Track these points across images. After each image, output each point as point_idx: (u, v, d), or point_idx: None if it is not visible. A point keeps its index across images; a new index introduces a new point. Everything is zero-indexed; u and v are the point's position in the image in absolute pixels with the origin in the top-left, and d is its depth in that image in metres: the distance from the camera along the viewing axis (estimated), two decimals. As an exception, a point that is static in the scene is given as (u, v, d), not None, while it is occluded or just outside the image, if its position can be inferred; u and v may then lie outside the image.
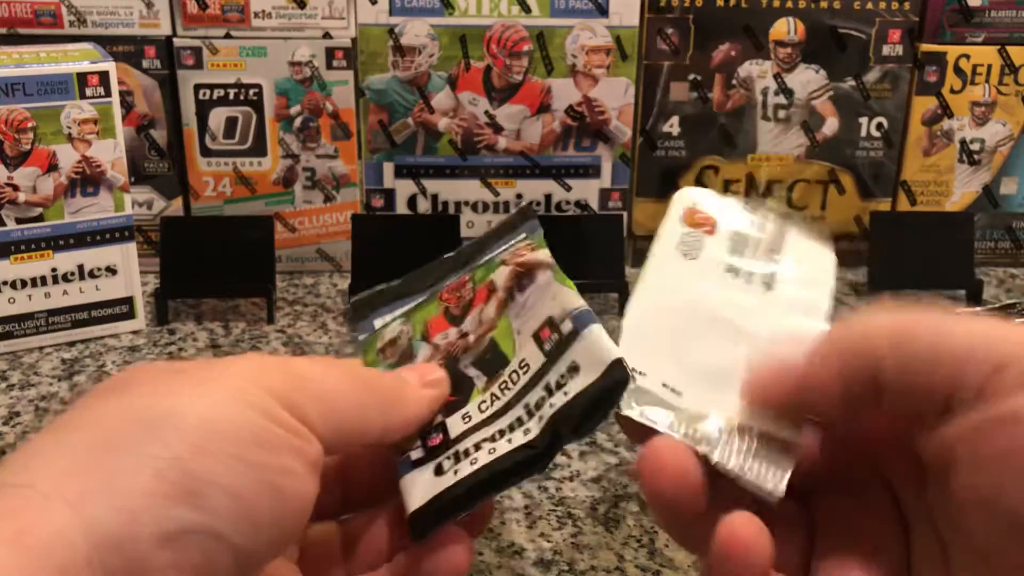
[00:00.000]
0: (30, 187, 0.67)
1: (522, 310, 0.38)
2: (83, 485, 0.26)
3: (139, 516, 0.26)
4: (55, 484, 0.26)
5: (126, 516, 0.26)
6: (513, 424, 0.35)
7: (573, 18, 0.79)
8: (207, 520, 0.27)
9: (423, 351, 0.40)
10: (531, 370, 0.36)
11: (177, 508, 0.26)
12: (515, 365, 0.37)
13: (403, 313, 0.43)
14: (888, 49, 0.81)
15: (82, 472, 0.26)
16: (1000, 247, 0.88)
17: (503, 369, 0.37)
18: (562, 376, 0.35)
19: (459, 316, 0.40)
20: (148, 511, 0.26)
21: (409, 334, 0.41)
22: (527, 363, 0.36)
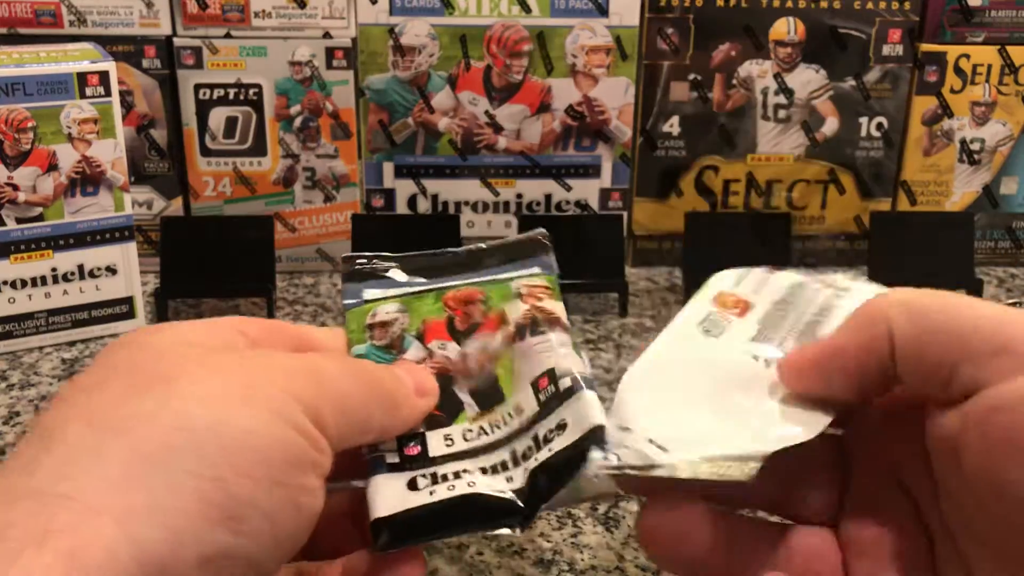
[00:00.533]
0: (30, 187, 0.67)
1: (528, 353, 0.38)
2: (129, 501, 0.25)
3: (183, 538, 0.26)
4: (102, 498, 0.25)
5: (172, 537, 0.26)
6: (497, 466, 0.35)
7: (573, 18, 0.79)
8: (244, 544, 0.27)
9: (414, 349, 0.39)
10: (524, 416, 0.36)
11: (218, 532, 0.26)
12: (510, 406, 0.37)
13: (399, 296, 0.41)
14: (888, 49, 0.81)
15: (127, 486, 0.26)
16: (1000, 247, 0.88)
17: (497, 406, 0.37)
18: (550, 431, 0.34)
19: (463, 333, 0.39)
20: (192, 533, 0.26)
21: (404, 325, 0.40)
22: (521, 408, 0.36)
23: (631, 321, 0.75)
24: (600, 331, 0.73)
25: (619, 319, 0.75)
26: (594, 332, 0.73)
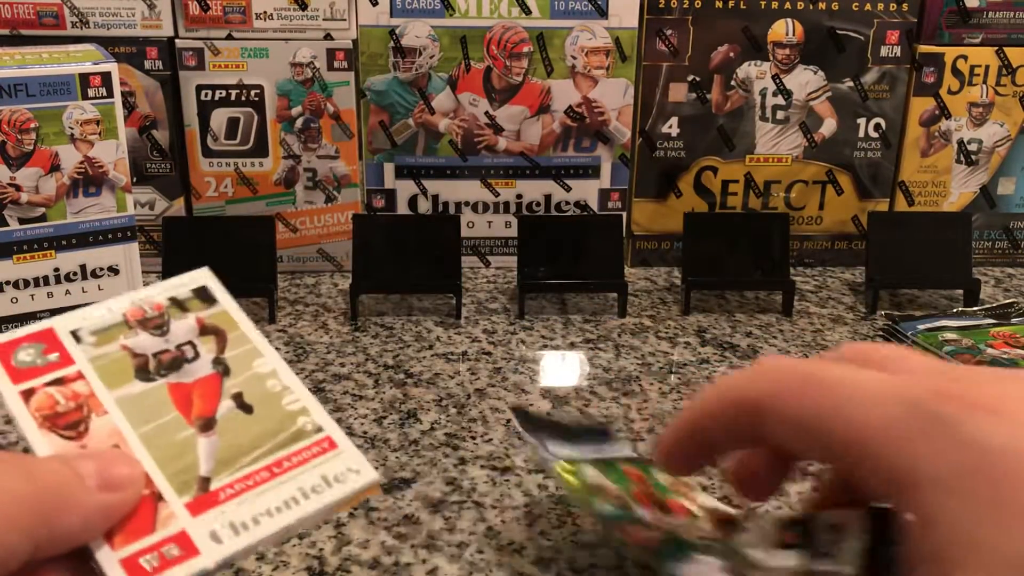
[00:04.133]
0: (32, 187, 0.68)
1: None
2: None
3: None
4: None
5: None
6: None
7: (573, 19, 0.79)
8: None
9: (646, 517, 0.41)
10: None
11: None
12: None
13: (591, 461, 0.44)
14: (886, 50, 0.82)
15: None
16: (998, 247, 0.88)
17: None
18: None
19: (662, 510, 0.41)
20: None
21: (622, 492, 0.42)
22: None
23: (630, 321, 0.75)
24: (599, 331, 0.73)
25: (618, 319, 0.76)
26: (593, 332, 0.73)
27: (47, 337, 0.33)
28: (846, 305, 0.80)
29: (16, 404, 0.31)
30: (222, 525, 0.30)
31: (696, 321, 0.76)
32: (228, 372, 0.34)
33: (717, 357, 0.70)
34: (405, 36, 0.79)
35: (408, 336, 0.72)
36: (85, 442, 0.31)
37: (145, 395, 0.32)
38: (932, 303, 0.80)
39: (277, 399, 0.33)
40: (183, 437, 0.32)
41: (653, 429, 0.60)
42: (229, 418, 0.33)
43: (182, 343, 0.34)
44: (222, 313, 0.35)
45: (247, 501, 0.31)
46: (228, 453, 0.32)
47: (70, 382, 0.32)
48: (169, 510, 0.30)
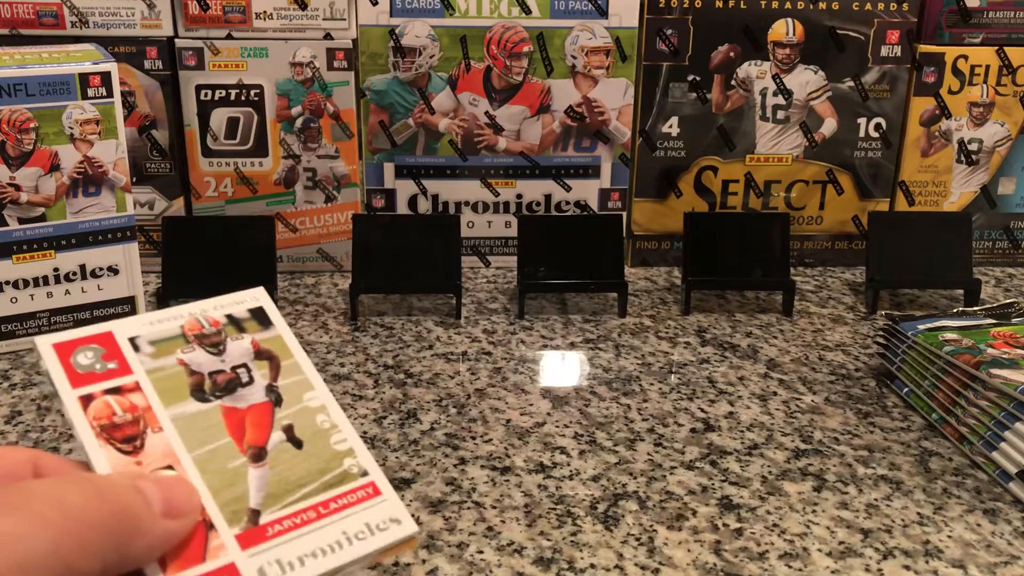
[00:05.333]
0: (32, 187, 0.68)
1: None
2: None
3: None
4: None
5: None
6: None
7: (573, 19, 0.79)
8: None
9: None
10: None
11: None
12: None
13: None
14: (887, 50, 0.82)
15: None
16: (998, 247, 0.88)
17: None
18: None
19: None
20: None
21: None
22: None
23: (630, 321, 0.75)
24: (599, 331, 0.73)
25: (618, 319, 0.75)
26: (593, 332, 0.73)
27: (106, 341, 0.33)
28: (846, 305, 0.79)
29: (75, 409, 0.31)
30: (269, 562, 0.30)
31: (696, 321, 0.76)
32: (280, 402, 0.34)
33: (717, 357, 0.70)
34: (405, 36, 0.79)
35: (408, 336, 0.72)
36: (140, 459, 0.30)
37: (200, 416, 0.32)
38: (932, 303, 0.80)
39: (326, 437, 0.33)
40: (235, 466, 0.31)
41: (653, 429, 0.60)
42: (280, 450, 0.32)
43: (237, 365, 0.34)
44: (276, 338, 0.35)
45: (294, 540, 0.31)
46: (277, 487, 0.31)
47: (127, 392, 0.32)
48: (219, 540, 0.30)
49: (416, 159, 0.83)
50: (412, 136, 0.82)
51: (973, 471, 0.57)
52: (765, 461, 0.57)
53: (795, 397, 0.65)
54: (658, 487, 0.54)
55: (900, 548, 0.50)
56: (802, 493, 0.54)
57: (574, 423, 0.61)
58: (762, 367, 0.69)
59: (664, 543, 0.50)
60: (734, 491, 0.54)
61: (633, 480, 0.55)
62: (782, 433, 0.60)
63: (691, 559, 0.49)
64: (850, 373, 0.68)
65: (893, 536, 0.51)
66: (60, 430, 0.60)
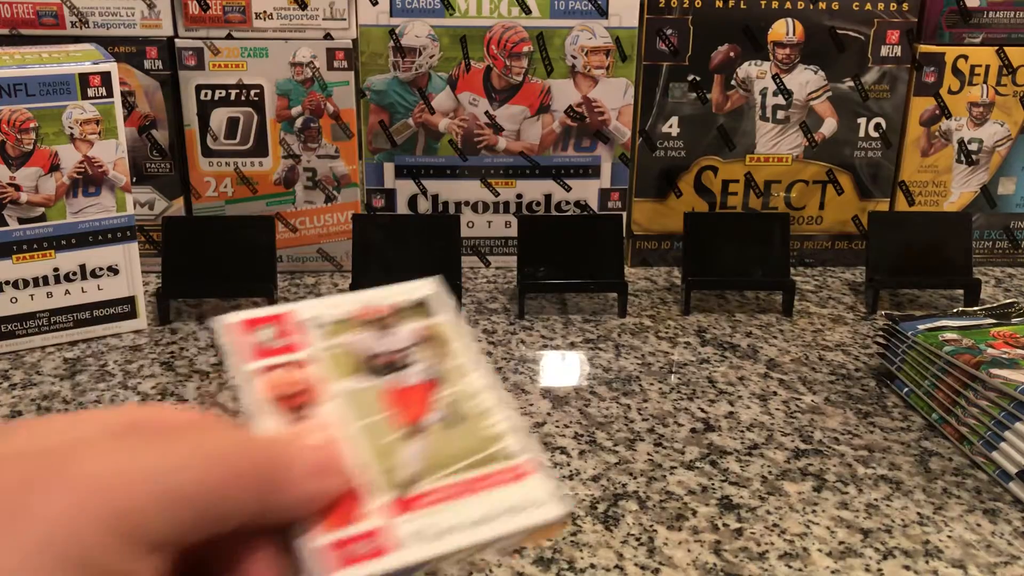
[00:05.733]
0: (32, 187, 0.68)
1: None
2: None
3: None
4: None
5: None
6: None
7: (573, 19, 0.79)
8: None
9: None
10: None
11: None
12: None
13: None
14: (887, 50, 0.82)
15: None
16: (998, 247, 0.88)
17: None
18: None
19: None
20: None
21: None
22: None
23: (630, 321, 0.75)
24: (599, 331, 0.73)
25: (618, 319, 0.75)
26: (593, 332, 0.73)
27: (285, 321, 0.35)
28: (846, 305, 0.79)
29: (249, 381, 0.33)
30: (412, 532, 0.31)
31: (696, 321, 0.76)
32: (440, 383, 0.34)
33: (717, 357, 0.70)
34: (405, 36, 0.79)
35: (408, 336, 0.72)
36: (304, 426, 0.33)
37: (361, 393, 0.33)
38: (932, 303, 0.80)
39: (482, 418, 0.34)
40: (390, 440, 0.33)
41: (653, 429, 0.60)
42: (434, 430, 0.33)
43: (401, 348, 0.35)
44: (443, 324, 0.36)
45: (439, 513, 0.31)
46: (429, 463, 0.32)
47: (299, 368, 0.33)
48: (367, 507, 0.31)
49: (416, 159, 0.83)
50: (412, 136, 0.82)
51: (973, 471, 0.57)
52: (765, 461, 0.57)
53: (795, 397, 0.65)
54: (658, 487, 0.54)
55: (900, 548, 0.50)
56: (802, 493, 0.54)
57: (574, 423, 0.61)
58: (762, 367, 0.69)
59: (664, 543, 0.50)
60: (734, 491, 0.54)
61: (633, 480, 0.55)
62: (782, 433, 0.60)
63: (691, 559, 0.49)
64: (850, 373, 0.68)
65: (893, 536, 0.51)
66: (60, 430, 0.60)
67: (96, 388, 0.65)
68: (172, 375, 0.67)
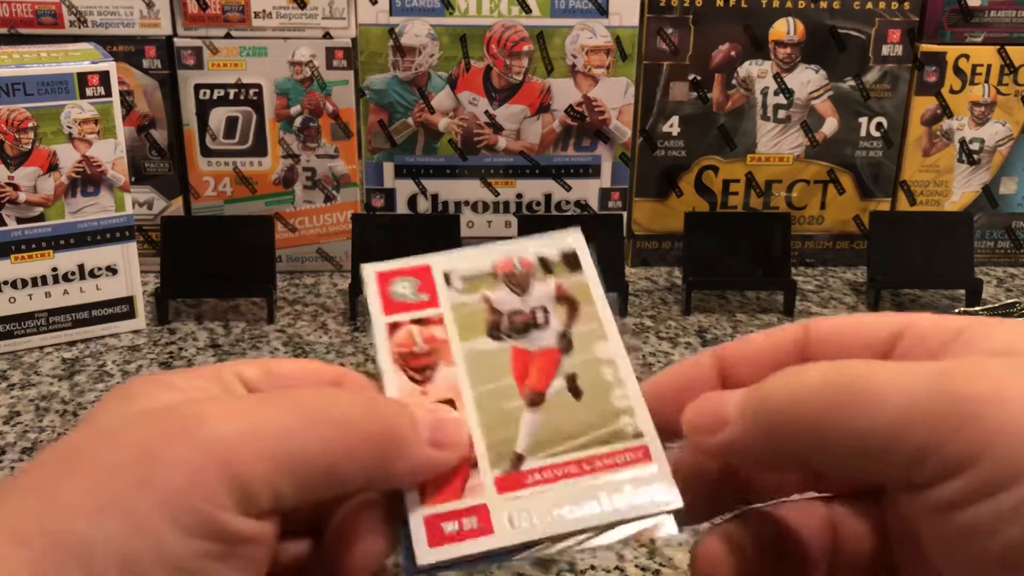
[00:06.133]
0: (31, 187, 0.67)
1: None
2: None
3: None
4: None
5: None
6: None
7: (573, 18, 0.79)
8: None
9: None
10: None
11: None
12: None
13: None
14: (888, 49, 0.81)
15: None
16: (1000, 247, 0.88)
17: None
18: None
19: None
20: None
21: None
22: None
23: (631, 321, 0.75)
24: (600, 331, 0.73)
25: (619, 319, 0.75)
26: (594, 332, 0.73)
27: (422, 274, 0.34)
28: (848, 305, 0.79)
29: (381, 335, 0.33)
30: (520, 511, 0.30)
31: (697, 321, 0.75)
32: (569, 349, 0.33)
33: (718, 357, 0.70)
34: (404, 35, 0.79)
35: (408, 336, 0.72)
36: (427, 388, 0.32)
37: (490, 355, 0.33)
38: (934, 303, 0.80)
39: (607, 391, 0.32)
40: (511, 407, 0.31)
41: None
42: (558, 398, 0.32)
43: (537, 307, 0.34)
44: (583, 284, 0.35)
45: (549, 492, 0.30)
46: (547, 435, 0.31)
47: (431, 325, 0.33)
48: (479, 480, 0.30)
49: (416, 159, 0.82)
50: (411, 135, 0.82)
51: (975, 472, 0.56)
52: (766, 462, 0.57)
53: (796, 397, 0.64)
54: (659, 488, 0.54)
55: (902, 549, 0.49)
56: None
57: (574, 423, 0.61)
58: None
59: (665, 544, 0.50)
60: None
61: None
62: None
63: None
64: (851, 373, 0.68)
65: (895, 537, 0.50)
66: (59, 430, 0.60)
67: (95, 388, 0.65)
68: (171, 375, 0.66)
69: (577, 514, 0.30)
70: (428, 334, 0.33)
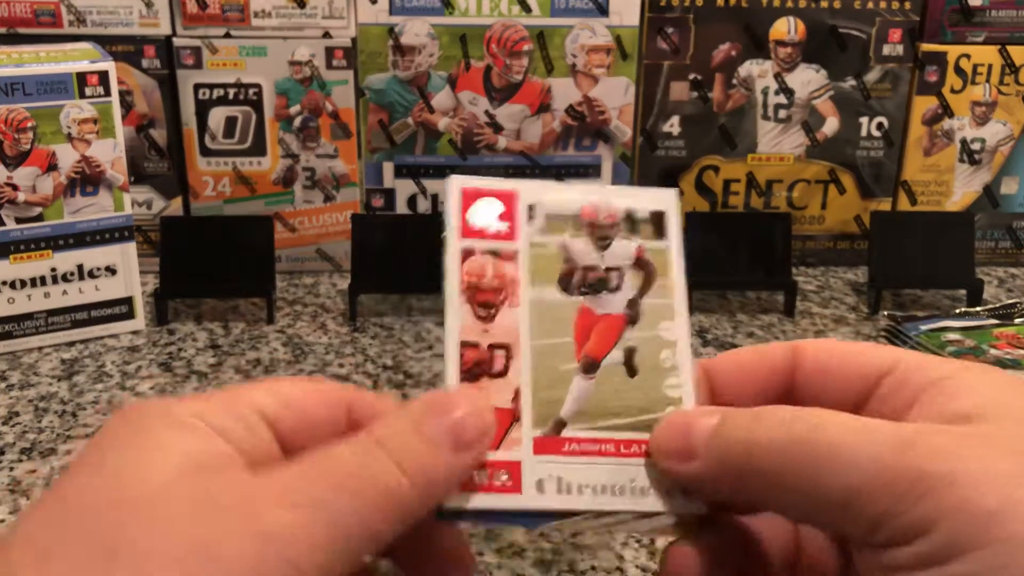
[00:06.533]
0: (30, 187, 0.67)
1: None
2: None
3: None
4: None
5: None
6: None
7: (573, 17, 0.79)
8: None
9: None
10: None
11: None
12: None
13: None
14: (888, 49, 0.81)
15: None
16: (1000, 247, 0.88)
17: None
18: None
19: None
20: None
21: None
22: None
23: (631, 321, 0.75)
24: (600, 331, 0.73)
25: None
26: (594, 332, 0.73)
27: (508, 200, 0.32)
28: (848, 305, 0.79)
29: (454, 258, 0.31)
30: (551, 476, 0.29)
31: (697, 321, 0.75)
32: (635, 321, 0.32)
33: (719, 358, 0.70)
34: (404, 34, 0.78)
35: (407, 336, 0.72)
36: (488, 327, 0.31)
37: (555, 307, 0.31)
38: (935, 303, 0.80)
39: (662, 375, 0.31)
40: (565, 369, 0.31)
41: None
42: (612, 371, 0.31)
43: (612, 267, 0.33)
44: (663, 252, 0.33)
45: (583, 465, 0.29)
46: (593, 407, 0.30)
47: (504, 259, 0.32)
48: (518, 434, 0.29)
49: (415, 158, 0.82)
50: (411, 135, 0.81)
51: (977, 472, 0.56)
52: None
53: (797, 398, 0.64)
54: (659, 489, 0.54)
55: (903, 550, 0.49)
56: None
57: (574, 424, 0.60)
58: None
59: (665, 545, 0.49)
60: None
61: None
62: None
63: (693, 562, 0.48)
64: (852, 374, 0.68)
65: (896, 538, 0.50)
66: (58, 431, 0.60)
67: (94, 389, 0.65)
68: (170, 376, 0.66)
69: (604, 496, 0.29)
70: (500, 269, 0.31)
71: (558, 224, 0.32)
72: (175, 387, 0.65)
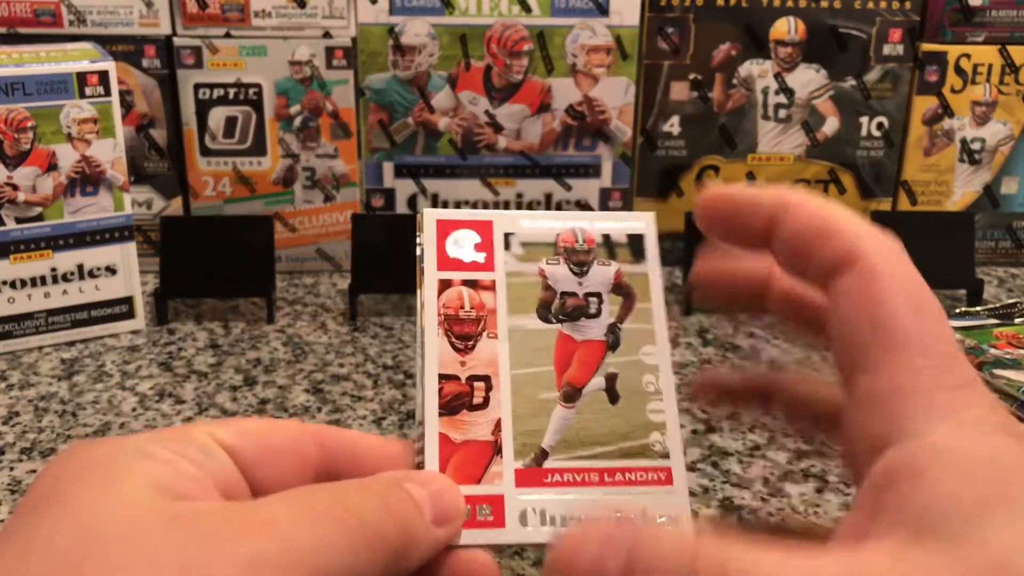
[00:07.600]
0: (30, 187, 0.67)
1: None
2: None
3: None
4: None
5: None
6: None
7: (573, 17, 0.79)
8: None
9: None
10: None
11: None
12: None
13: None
14: (889, 48, 0.81)
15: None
16: (1001, 247, 0.88)
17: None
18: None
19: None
20: None
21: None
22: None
23: (631, 321, 0.75)
24: (600, 331, 0.73)
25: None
26: (594, 332, 0.73)
27: (484, 230, 0.33)
28: (848, 305, 0.79)
29: (431, 290, 0.32)
30: (535, 509, 0.29)
31: (698, 321, 0.75)
32: (616, 347, 0.32)
33: (719, 358, 0.70)
34: (404, 34, 0.78)
35: (407, 336, 0.72)
36: (467, 359, 0.31)
37: (535, 335, 0.31)
38: (935, 303, 0.79)
39: (644, 401, 0.31)
40: (545, 398, 0.31)
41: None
42: (593, 398, 0.31)
43: (592, 292, 0.32)
44: (642, 276, 0.33)
45: (567, 496, 0.29)
46: (575, 436, 0.30)
47: (482, 289, 0.32)
48: (499, 468, 0.29)
49: (415, 158, 0.82)
50: (411, 135, 0.81)
51: (977, 472, 0.56)
52: (767, 462, 0.57)
53: (797, 398, 0.64)
54: (659, 489, 0.54)
55: (903, 550, 0.49)
56: (804, 494, 0.54)
57: (574, 424, 0.60)
58: (764, 368, 0.68)
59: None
60: (736, 492, 0.54)
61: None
62: (784, 434, 0.60)
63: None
64: (852, 374, 0.68)
65: (896, 538, 0.50)
66: (58, 431, 0.60)
67: (94, 389, 0.65)
68: (170, 376, 0.66)
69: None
70: (477, 299, 0.31)
71: (535, 252, 0.32)
72: (175, 387, 0.65)
